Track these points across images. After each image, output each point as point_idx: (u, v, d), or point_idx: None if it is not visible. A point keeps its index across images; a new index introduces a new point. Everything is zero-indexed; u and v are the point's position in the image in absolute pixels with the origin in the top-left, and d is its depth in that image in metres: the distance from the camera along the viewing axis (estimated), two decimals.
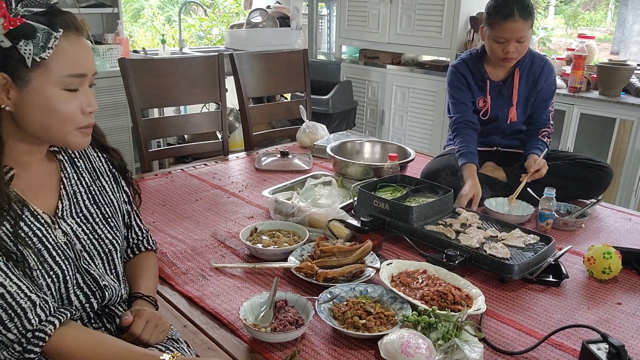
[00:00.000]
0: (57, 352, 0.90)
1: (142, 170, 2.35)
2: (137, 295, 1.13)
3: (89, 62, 0.96)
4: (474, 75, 2.10)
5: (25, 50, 0.86)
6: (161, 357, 0.91)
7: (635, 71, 3.16)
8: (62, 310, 0.93)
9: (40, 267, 0.93)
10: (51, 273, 0.94)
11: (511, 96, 2.08)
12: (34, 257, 0.92)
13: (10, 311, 0.87)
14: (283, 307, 1.22)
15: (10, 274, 0.88)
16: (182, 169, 2.29)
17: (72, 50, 0.92)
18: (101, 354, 0.92)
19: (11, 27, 0.85)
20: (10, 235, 0.90)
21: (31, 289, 0.90)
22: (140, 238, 1.24)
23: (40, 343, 0.88)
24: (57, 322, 0.90)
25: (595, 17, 7.91)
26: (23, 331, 0.87)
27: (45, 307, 0.90)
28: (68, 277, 0.97)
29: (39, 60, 0.88)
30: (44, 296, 0.92)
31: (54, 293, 0.95)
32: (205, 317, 1.26)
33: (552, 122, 2.12)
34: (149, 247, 1.25)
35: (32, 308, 0.88)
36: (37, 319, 0.89)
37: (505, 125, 2.12)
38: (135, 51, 4.19)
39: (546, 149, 2.02)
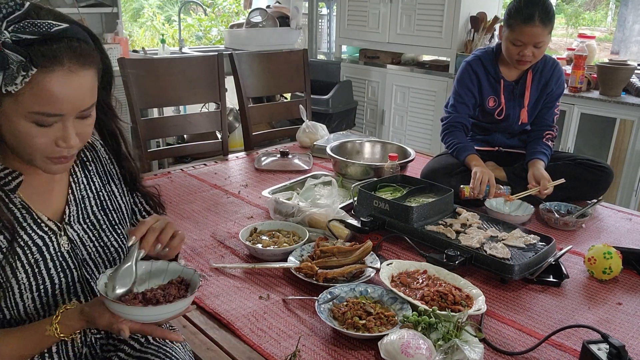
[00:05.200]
0: None
1: (141, 170, 2.34)
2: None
3: (70, 101, 0.84)
4: (488, 73, 2.08)
5: None
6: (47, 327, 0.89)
7: (636, 71, 3.16)
8: None
9: (28, 281, 0.91)
10: (41, 287, 0.93)
11: (523, 97, 2.08)
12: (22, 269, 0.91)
13: None
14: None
15: None
16: (181, 169, 2.29)
17: (51, 88, 0.82)
18: None
19: None
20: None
21: None
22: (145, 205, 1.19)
23: None
24: None
25: (595, 17, 7.91)
26: None
27: None
28: (57, 291, 0.96)
29: (5, 92, 0.80)
30: None
31: (37, 305, 0.93)
32: (205, 317, 1.26)
33: (556, 125, 2.12)
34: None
35: None
36: None
37: (516, 125, 2.12)
38: (134, 51, 4.19)
39: (550, 154, 2.03)
